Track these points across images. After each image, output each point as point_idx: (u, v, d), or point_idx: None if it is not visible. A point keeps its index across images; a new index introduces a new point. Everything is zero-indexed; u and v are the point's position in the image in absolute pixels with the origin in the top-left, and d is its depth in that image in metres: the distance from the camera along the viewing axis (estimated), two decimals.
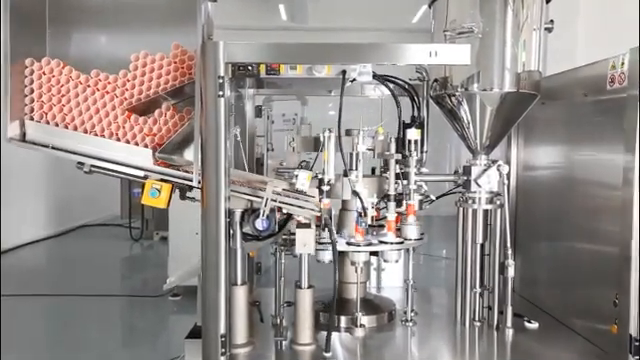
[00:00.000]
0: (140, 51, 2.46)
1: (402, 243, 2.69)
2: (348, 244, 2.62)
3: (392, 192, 2.70)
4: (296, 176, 2.45)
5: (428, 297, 3.44)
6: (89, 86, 2.44)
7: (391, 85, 2.89)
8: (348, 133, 2.78)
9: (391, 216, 2.69)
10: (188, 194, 2.50)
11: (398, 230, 2.76)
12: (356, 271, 2.71)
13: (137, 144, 2.40)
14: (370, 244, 2.63)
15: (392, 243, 2.67)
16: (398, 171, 2.70)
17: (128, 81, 2.45)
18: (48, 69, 2.44)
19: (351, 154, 2.73)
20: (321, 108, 8.31)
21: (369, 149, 2.76)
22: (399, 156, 2.70)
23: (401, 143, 2.78)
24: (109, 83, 2.44)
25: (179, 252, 5.00)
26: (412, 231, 2.71)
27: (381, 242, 2.67)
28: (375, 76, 2.68)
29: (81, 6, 2.54)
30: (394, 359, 2.56)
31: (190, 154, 2.36)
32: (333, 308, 2.50)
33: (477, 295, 2.82)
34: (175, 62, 2.46)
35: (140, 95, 2.44)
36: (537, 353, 2.57)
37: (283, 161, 2.92)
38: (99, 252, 7.92)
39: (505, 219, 2.73)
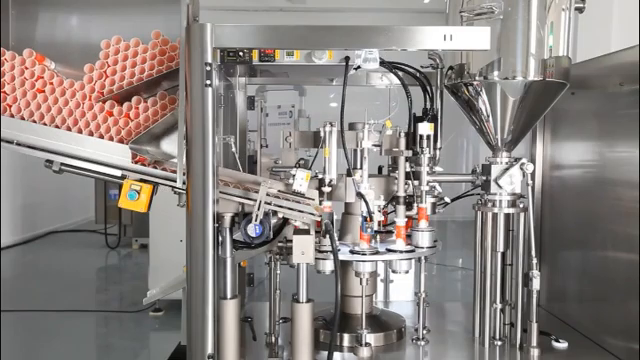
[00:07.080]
0: (112, 37, 2.45)
1: (413, 252, 2.69)
2: (352, 252, 2.63)
3: (401, 193, 2.71)
4: (293, 176, 2.45)
5: (442, 312, 3.44)
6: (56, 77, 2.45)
7: (400, 74, 2.88)
8: (352, 127, 2.78)
9: (400, 221, 2.70)
10: None
11: (408, 237, 2.76)
12: (361, 283, 2.71)
13: (102, 136, 2.39)
14: (377, 253, 2.64)
15: (402, 252, 2.67)
16: (408, 169, 2.71)
17: (94, 70, 2.45)
18: (10, 56, 2.44)
19: (355, 150, 2.73)
20: (321, 99, 8.38)
21: (375, 145, 2.77)
22: (409, 153, 2.71)
23: (412, 138, 2.78)
24: (77, 91, 2.44)
25: (161, 262, 5.02)
26: (424, 238, 2.72)
27: (389, 250, 2.67)
28: (382, 63, 2.68)
29: None
30: None
31: (167, 145, 2.35)
32: (335, 325, 2.50)
33: (498, 310, 2.82)
34: (154, 51, 2.45)
35: (112, 86, 2.44)
36: None
37: (279, 159, 2.92)
38: (70, 262, 7.92)
39: (529, 224, 2.73)
